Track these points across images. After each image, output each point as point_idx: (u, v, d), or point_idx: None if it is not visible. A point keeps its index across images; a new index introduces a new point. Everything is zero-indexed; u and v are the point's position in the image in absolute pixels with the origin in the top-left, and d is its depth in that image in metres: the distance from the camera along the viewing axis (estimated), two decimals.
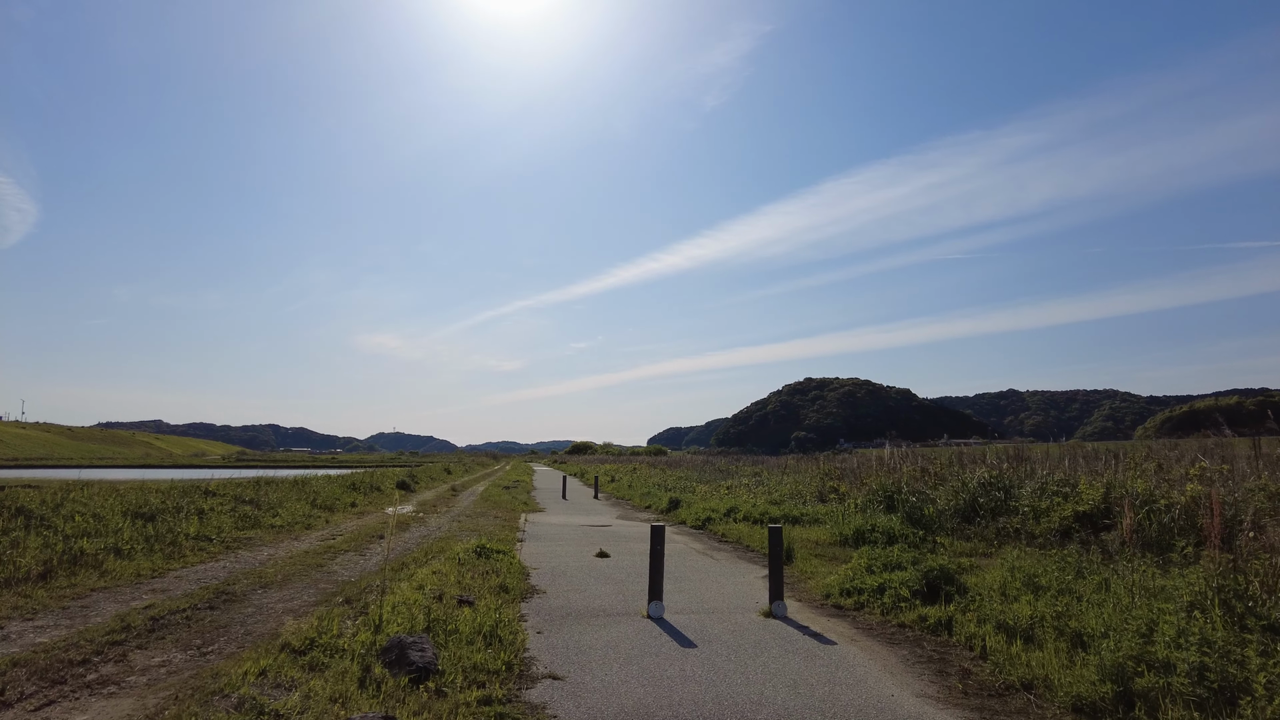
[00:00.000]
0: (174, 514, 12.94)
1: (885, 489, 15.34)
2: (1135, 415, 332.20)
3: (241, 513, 14.78)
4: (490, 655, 5.54)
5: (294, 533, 14.23)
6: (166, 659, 5.52)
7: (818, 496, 18.43)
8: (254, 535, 13.16)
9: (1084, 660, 5.23)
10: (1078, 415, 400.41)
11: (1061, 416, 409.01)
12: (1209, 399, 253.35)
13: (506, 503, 23.23)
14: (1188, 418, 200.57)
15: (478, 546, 10.57)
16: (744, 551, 12.85)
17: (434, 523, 17.46)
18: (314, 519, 16.47)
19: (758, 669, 5.71)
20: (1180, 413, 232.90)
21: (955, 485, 14.26)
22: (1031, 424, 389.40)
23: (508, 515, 19.51)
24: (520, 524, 17.13)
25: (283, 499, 18.02)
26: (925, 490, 14.62)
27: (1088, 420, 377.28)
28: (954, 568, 7.96)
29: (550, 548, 12.76)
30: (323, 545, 12.33)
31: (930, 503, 13.86)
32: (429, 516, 19.23)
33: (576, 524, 17.44)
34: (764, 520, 16.02)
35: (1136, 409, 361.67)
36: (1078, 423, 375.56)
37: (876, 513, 14.53)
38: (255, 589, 8.40)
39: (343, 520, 17.22)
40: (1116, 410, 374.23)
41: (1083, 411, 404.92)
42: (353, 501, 20.99)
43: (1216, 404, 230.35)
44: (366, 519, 17.81)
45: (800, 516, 15.98)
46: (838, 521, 14.51)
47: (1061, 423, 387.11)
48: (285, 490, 19.89)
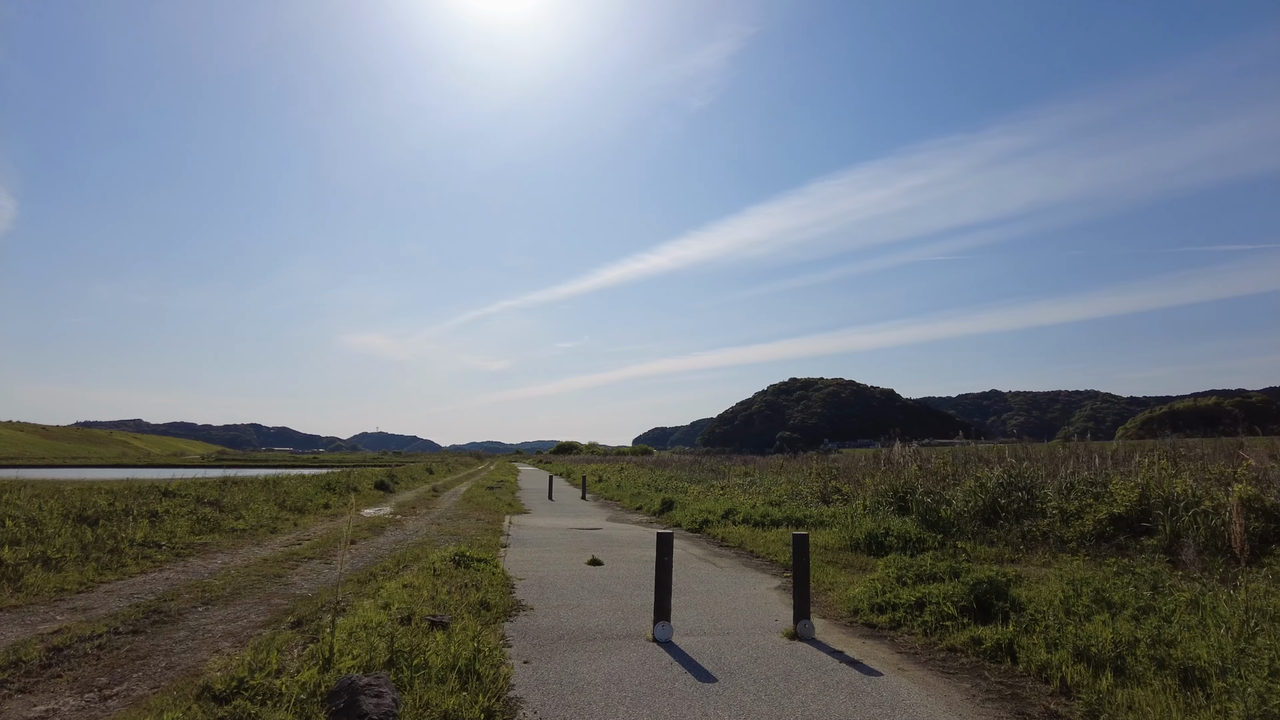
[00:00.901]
0: (121, 518, 11.67)
1: (895, 489, 14.36)
2: (1116, 416, 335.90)
3: (200, 515, 13.52)
4: (466, 699, 4.43)
5: (257, 537, 13.00)
6: (52, 708, 4.35)
7: (820, 497, 17.43)
8: (210, 540, 11.92)
9: (1205, 702, 4.22)
10: (1060, 416, 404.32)
11: (1044, 417, 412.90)
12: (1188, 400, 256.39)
13: (490, 504, 22.05)
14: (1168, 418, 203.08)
15: (457, 554, 9.44)
16: (748, 558, 11.80)
17: (412, 525, 16.28)
18: (281, 522, 15.22)
19: (795, 710, 4.66)
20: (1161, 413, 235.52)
21: (972, 485, 13.31)
22: (1014, 424, 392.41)
23: (491, 517, 18.36)
24: (504, 527, 15.99)
25: (249, 500, 16.74)
26: (939, 490, 13.65)
27: (1069, 421, 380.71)
28: (1003, 579, 6.95)
29: (537, 554, 11.65)
30: (285, 552, 11.13)
31: (946, 504, 12.89)
32: (407, 519, 18.03)
33: (565, 527, 16.33)
34: (765, 522, 15.01)
35: (1117, 410, 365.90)
36: (1059, 423, 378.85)
37: (887, 515, 13.56)
38: (196, 606, 7.21)
39: (313, 523, 15.98)
40: (1098, 411, 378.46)
41: (1064, 412, 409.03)
42: (326, 503, 19.73)
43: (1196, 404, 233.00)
44: (339, 522, 16.58)
45: (804, 519, 14.98)
46: (846, 524, 13.51)
47: (1043, 423, 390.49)
48: (253, 490, 18.60)
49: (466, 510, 20.19)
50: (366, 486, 27.06)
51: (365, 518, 18.01)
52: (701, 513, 16.59)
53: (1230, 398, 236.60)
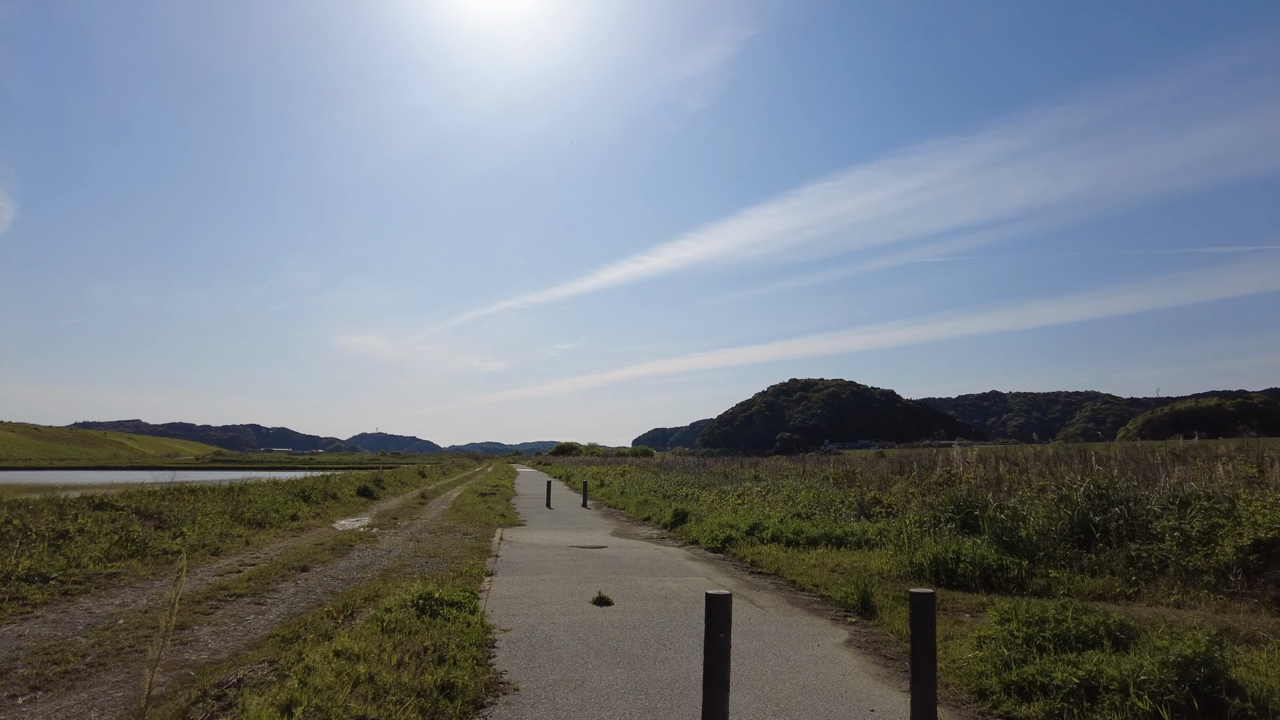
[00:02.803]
0: (6, 542, 9.38)
1: (956, 502, 12.12)
2: (1116, 417, 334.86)
3: (126, 534, 11.25)
4: None
5: (191, 562, 10.75)
6: None
7: (856, 510, 15.15)
8: (125, 568, 9.66)
9: None
10: (1060, 416, 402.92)
11: (1044, 418, 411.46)
12: (1189, 401, 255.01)
13: (481, 514, 19.79)
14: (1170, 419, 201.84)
15: (422, 596, 7.17)
16: (791, 591, 9.55)
17: (386, 543, 14.04)
18: (230, 540, 12.96)
19: None
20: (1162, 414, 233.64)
21: (1054, 498, 11.07)
22: (1014, 425, 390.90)
23: (480, 531, 16.11)
24: (494, 545, 13.74)
25: (197, 512, 14.49)
26: (1011, 504, 11.38)
27: (1070, 421, 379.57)
28: (1215, 655, 4.70)
29: (530, 586, 9.39)
30: (213, 585, 8.88)
31: (1022, 521, 10.64)
32: (384, 533, 15.79)
33: (564, 544, 14.09)
34: (800, 541, 12.77)
35: (1118, 410, 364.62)
36: (1059, 424, 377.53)
37: (950, 533, 11.33)
38: (18, 695, 4.96)
39: (270, 540, 13.72)
40: (1098, 411, 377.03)
41: (1065, 413, 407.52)
42: (294, 514, 17.47)
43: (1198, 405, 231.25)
44: (303, 538, 14.33)
45: (844, 537, 12.74)
46: (900, 545, 11.29)
47: (1044, 424, 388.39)
48: (209, 500, 16.34)
49: (454, 522, 17.96)
50: (348, 493, 24.79)
51: (335, 532, 15.77)
52: (722, 528, 14.33)
53: (1231, 399, 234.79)
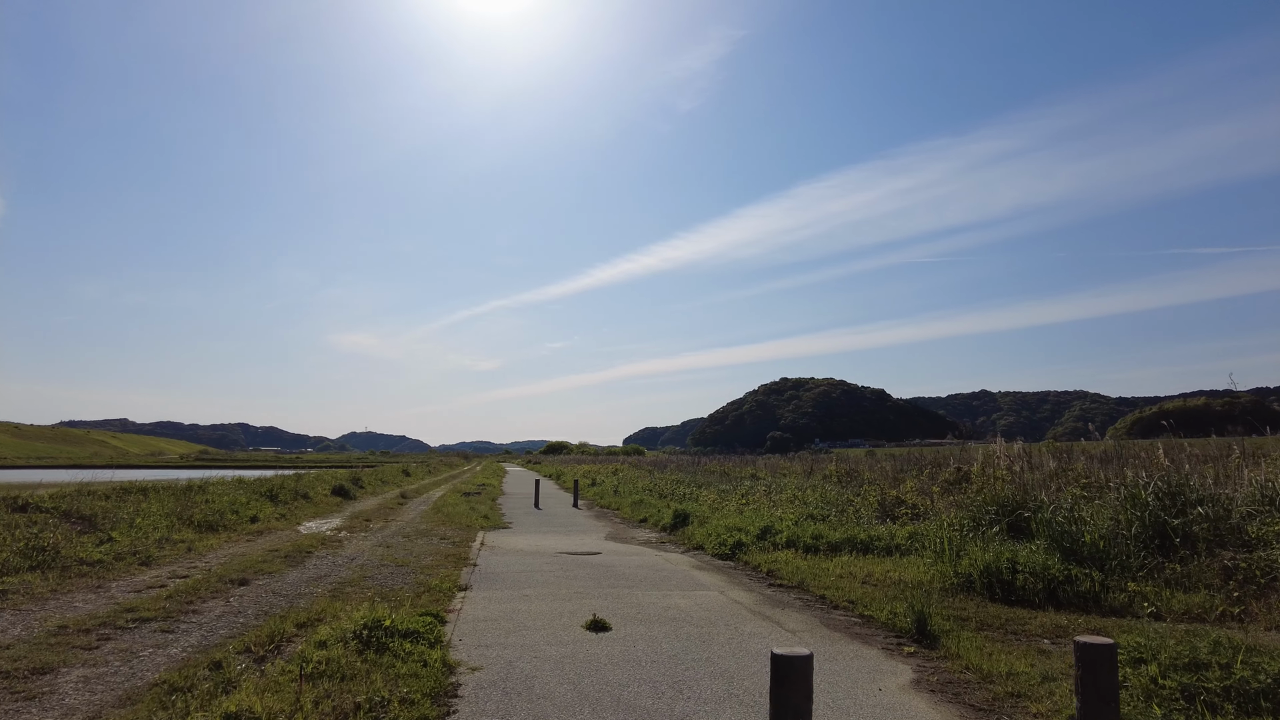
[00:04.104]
0: None
1: (1000, 502, 10.62)
2: (1105, 416, 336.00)
3: (37, 541, 9.60)
4: None
5: (110, 573, 9.11)
6: None
7: (879, 511, 13.64)
8: (19, 584, 8.00)
9: None
10: (1049, 416, 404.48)
11: (1033, 417, 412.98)
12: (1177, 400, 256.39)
13: (462, 516, 18.16)
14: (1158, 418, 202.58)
15: (367, 625, 5.58)
16: (822, 608, 8.00)
17: (351, 548, 12.43)
18: (168, 546, 11.31)
19: None
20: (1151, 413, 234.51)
21: (1119, 498, 9.58)
22: (1004, 424, 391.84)
23: (460, 535, 14.51)
24: (473, 551, 12.15)
25: (139, 514, 12.84)
26: (1065, 504, 9.89)
27: (1059, 421, 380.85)
28: None
29: (510, 604, 7.81)
30: (118, 607, 7.24)
31: (1084, 524, 9.15)
32: (352, 537, 14.17)
33: (552, 550, 12.52)
34: (820, 547, 11.25)
35: (1106, 410, 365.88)
36: (1049, 423, 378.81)
37: (995, 538, 9.84)
38: None
39: (218, 546, 12.08)
40: (1087, 411, 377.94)
41: (1054, 412, 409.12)
42: (254, 515, 15.80)
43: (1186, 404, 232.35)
44: (257, 543, 12.69)
45: (869, 542, 11.22)
46: (939, 551, 9.81)
47: (1033, 423, 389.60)
48: (158, 501, 14.69)
49: (432, 524, 16.35)
50: (321, 492, 23.09)
51: (297, 536, 14.12)
52: (729, 531, 12.78)
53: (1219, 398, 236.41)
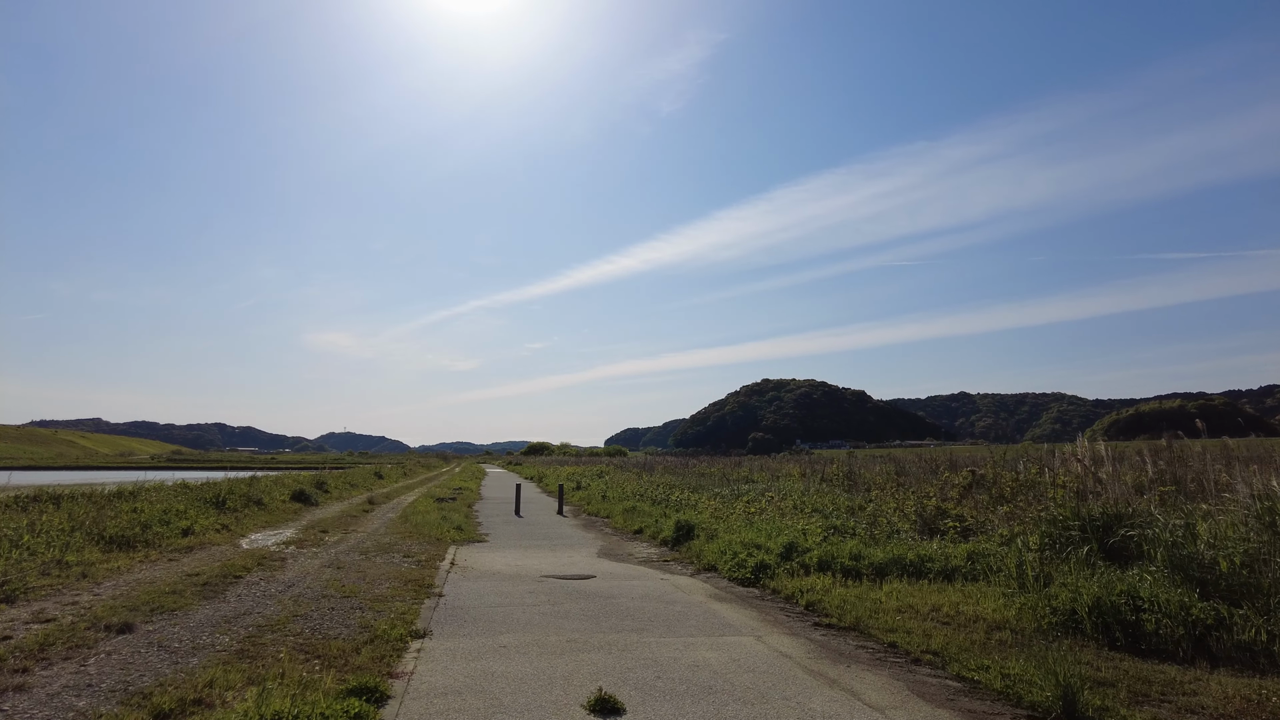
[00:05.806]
0: None
1: (1087, 516, 8.68)
2: (1083, 418, 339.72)
3: None
4: None
5: None
6: None
7: (921, 525, 11.64)
8: None
9: None
10: (1027, 417, 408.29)
11: (1011, 419, 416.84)
12: (1152, 402, 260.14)
13: (433, 526, 15.95)
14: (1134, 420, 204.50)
15: None
16: (900, 664, 5.98)
17: (294, 570, 10.24)
18: (55, 570, 9.04)
19: None
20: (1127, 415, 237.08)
21: (1250, 513, 7.67)
22: (982, 425, 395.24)
23: (427, 551, 12.36)
24: (439, 575, 10.01)
25: (31, 529, 10.55)
26: (1180, 521, 7.97)
27: (1037, 423, 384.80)
28: None
29: (482, 665, 5.71)
30: None
31: (1214, 547, 7.23)
32: (300, 553, 11.96)
33: (536, 571, 10.41)
34: (864, 570, 9.26)
35: (1084, 412, 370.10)
36: (1027, 425, 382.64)
37: (1087, 562, 7.92)
38: None
39: (125, 569, 9.81)
40: (1065, 413, 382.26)
41: (1032, 414, 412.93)
42: (187, 527, 13.51)
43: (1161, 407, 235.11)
44: (178, 565, 10.44)
45: (921, 563, 9.25)
46: (1016, 576, 7.92)
47: (1011, 425, 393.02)
48: (69, 511, 12.40)
49: (397, 537, 14.17)
50: (279, 498, 20.70)
51: (234, 552, 11.85)
52: (745, 548, 10.72)
53: (1193, 400, 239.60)
